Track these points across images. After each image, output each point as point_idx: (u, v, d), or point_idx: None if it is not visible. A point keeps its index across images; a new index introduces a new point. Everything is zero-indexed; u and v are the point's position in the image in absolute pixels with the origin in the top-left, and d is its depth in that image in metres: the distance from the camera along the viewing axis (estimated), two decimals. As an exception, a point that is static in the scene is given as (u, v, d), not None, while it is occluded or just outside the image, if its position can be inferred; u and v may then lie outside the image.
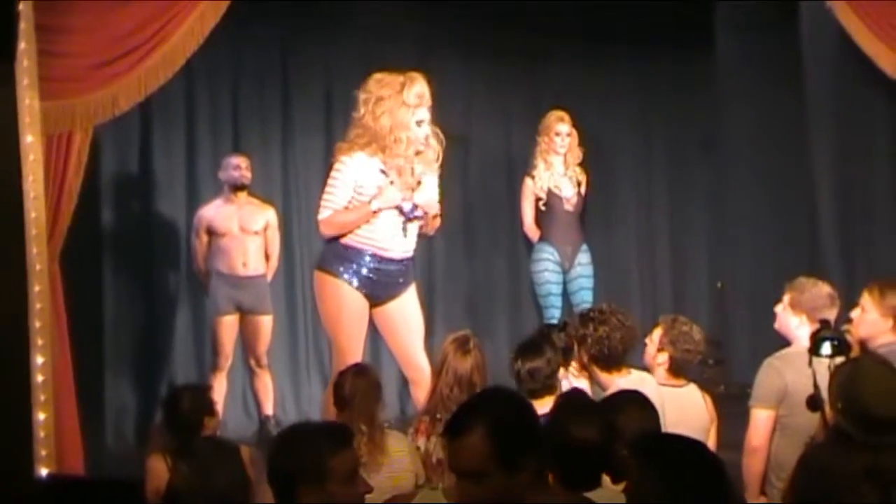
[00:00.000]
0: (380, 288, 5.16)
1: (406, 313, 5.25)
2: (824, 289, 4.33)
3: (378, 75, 5.20)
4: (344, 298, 5.09)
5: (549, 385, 4.05)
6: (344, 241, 5.11)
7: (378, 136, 5.06)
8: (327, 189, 5.18)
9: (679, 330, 4.37)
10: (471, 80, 7.50)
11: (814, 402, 3.45)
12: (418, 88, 5.10)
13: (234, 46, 6.82)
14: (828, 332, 3.60)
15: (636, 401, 3.38)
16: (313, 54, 7.24)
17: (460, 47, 7.39)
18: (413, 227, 5.20)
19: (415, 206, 5.15)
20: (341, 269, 5.11)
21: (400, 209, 5.11)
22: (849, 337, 3.60)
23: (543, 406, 3.95)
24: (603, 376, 4.17)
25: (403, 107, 5.05)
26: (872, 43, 6.06)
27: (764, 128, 7.29)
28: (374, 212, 5.10)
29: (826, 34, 6.39)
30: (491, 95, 7.54)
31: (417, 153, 5.16)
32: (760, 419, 4.19)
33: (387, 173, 5.10)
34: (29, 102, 4.79)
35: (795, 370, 4.12)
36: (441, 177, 7.38)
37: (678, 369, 4.34)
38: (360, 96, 5.15)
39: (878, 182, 6.67)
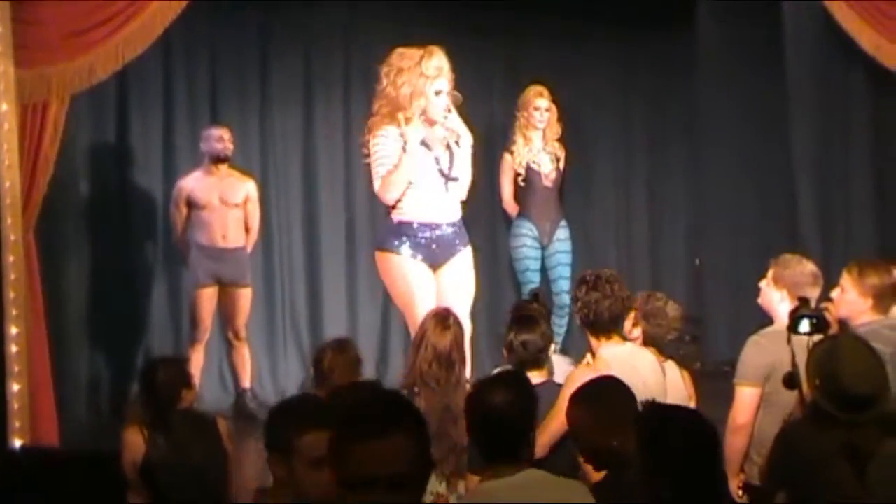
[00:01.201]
0: (436, 254, 5.30)
1: (458, 277, 5.36)
2: (808, 266, 4.33)
3: (400, 49, 5.40)
4: (408, 271, 5.24)
5: (539, 359, 4.06)
6: (395, 217, 5.29)
7: (400, 105, 5.24)
8: (374, 161, 5.30)
9: (653, 305, 4.40)
10: (451, 55, 7.44)
11: (791, 380, 3.46)
12: (436, 61, 5.31)
13: (212, 17, 6.75)
14: (806, 310, 3.61)
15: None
16: (293, 26, 7.18)
17: (440, 23, 7.33)
18: (454, 188, 5.36)
19: (450, 168, 5.32)
20: (397, 243, 5.27)
21: (441, 171, 5.30)
22: (828, 315, 3.61)
23: (533, 378, 3.99)
24: (592, 341, 4.18)
25: (422, 77, 5.24)
26: (854, 20, 6.08)
27: (744, 109, 7.29)
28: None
29: (807, 16, 6.40)
30: (471, 71, 7.47)
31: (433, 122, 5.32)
32: (746, 396, 4.18)
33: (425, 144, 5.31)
34: (3, 70, 4.73)
35: (781, 347, 4.12)
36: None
37: (653, 344, 4.35)
38: (382, 69, 5.33)
39: (856, 163, 6.71)
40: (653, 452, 2.54)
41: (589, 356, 4.32)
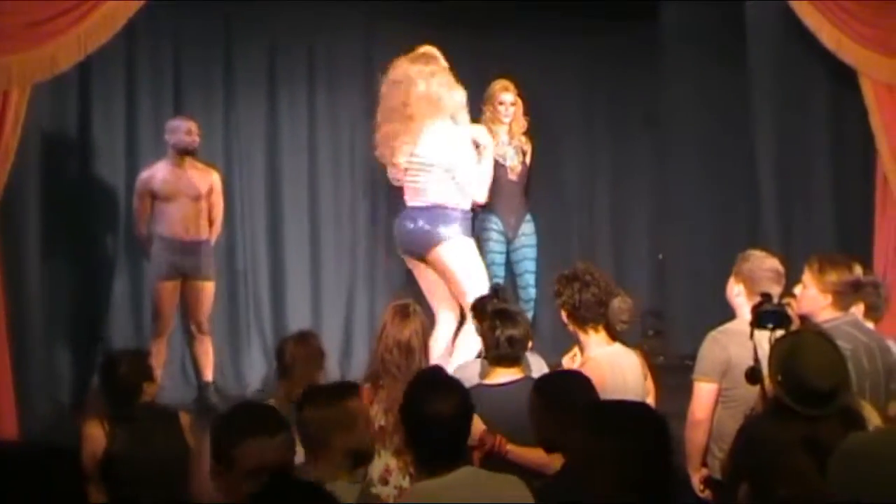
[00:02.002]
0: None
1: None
2: (768, 262, 4.35)
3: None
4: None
5: (520, 355, 4.08)
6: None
7: None
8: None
9: None
10: (415, 46, 7.44)
11: (753, 375, 3.48)
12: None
13: (176, 8, 6.70)
14: (769, 306, 3.63)
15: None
16: (257, 17, 7.14)
17: (405, 17, 7.33)
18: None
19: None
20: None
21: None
22: (790, 311, 3.63)
23: (510, 375, 4.01)
24: (580, 335, 4.22)
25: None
26: (814, 17, 6.13)
27: (706, 102, 7.33)
28: None
29: (769, 9, 6.44)
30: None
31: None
32: (703, 392, 4.21)
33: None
34: (-37, 59, 4.67)
35: (738, 343, 4.16)
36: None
37: (610, 332, 4.36)
38: None
39: (817, 157, 6.76)
40: (599, 446, 2.55)
41: (577, 350, 4.34)
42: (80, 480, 2.25)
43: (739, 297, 4.28)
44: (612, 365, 4.05)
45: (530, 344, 4.20)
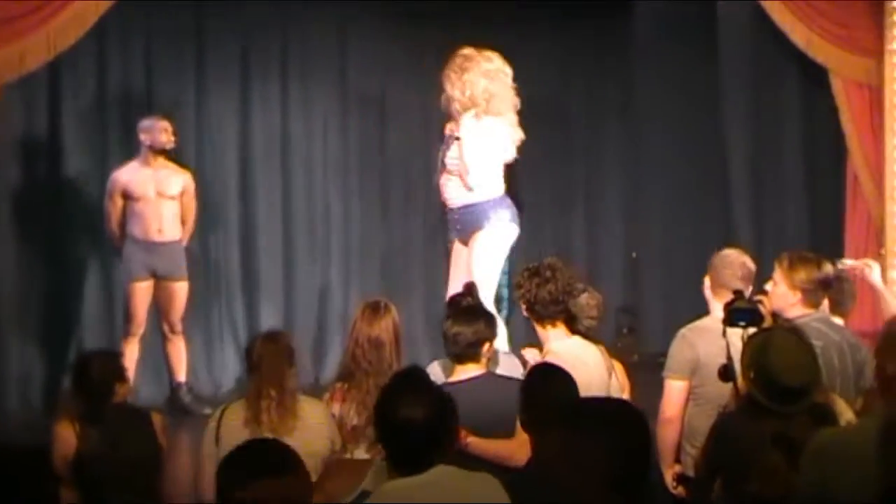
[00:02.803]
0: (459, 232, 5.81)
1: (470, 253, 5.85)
2: (738, 260, 4.37)
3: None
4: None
5: (470, 352, 4.06)
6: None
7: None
8: None
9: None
10: (388, 42, 7.44)
11: (726, 373, 3.49)
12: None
13: (146, 5, 6.66)
14: (741, 304, 3.64)
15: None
16: (229, 16, 7.10)
17: (378, 10, 7.32)
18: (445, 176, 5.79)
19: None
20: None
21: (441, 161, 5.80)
22: (762, 308, 3.65)
23: (470, 371, 4.01)
24: (538, 329, 4.25)
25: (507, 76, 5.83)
26: (786, 17, 6.18)
27: (679, 96, 7.36)
28: None
29: (741, 7, 6.47)
30: (408, 58, 7.49)
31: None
32: (674, 390, 4.23)
33: None
34: (-70, 57, 4.62)
35: (707, 341, 4.18)
36: (364, 141, 7.40)
37: (573, 330, 4.36)
38: None
39: (789, 154, 6.80)
40: (578, 441, 2.55)
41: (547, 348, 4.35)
42: (52, 481, 2.22)
43: (708, 292, 4.32)
44: (574, 357, 4.07)
45: (486, 347, 4.13)
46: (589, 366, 4.13)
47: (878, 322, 5.79)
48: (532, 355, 4.43)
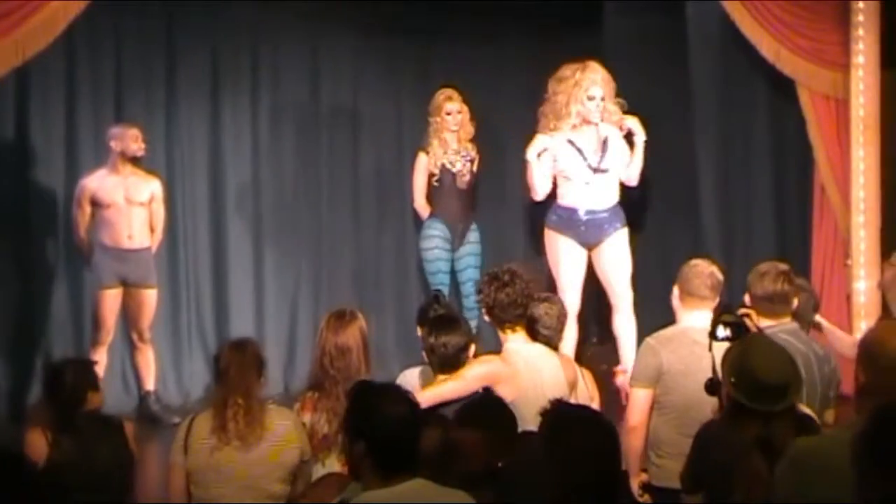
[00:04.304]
0: (590, 235, 6.31)
1: (614, 254, 6.37)
2: (706, 270, 4.42)
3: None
4: (559, 249, 6.35)
5: (461, 359, 4.12)
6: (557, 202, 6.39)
7: (556, 112, 6.37)
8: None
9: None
10: (360, 54, 7.44)
11: (711, 386, 3.50)
12: (590, 72, 6.28)
13: (116, 11, 6.62)
14: (728, 317, 3.66)
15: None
16: (200, 23, 7.07)
17: (349, 21, 7.32)
18: (600, 180, 6.31)
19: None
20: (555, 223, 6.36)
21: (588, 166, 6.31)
22: (749, 322, 3.66)
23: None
24: (499, 333, 4.31)
25: (576, 86, 6.28)
26: (755, 30, 6.24)
27: (649, 109, 7.38)
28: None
29: (712, 19, 6.52)
30: (380, 70, 7.49)
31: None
32: (638, 398, 4.28)
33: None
34: None
35: (670, 350, 4.23)
36: (335, 153, 7.40)
37: (532, 334, 4.41)
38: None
39: (758, 165, 6.85)
40: (555, 451, 2.56)
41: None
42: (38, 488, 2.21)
43: (675, 301, 4.36)
44: (527, 361, 4.13)
45: (472, 350, 4.24)
46: (542, 373, 4.18)
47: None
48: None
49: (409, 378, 4.32)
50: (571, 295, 6.19)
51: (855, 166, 6.21)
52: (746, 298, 4.42)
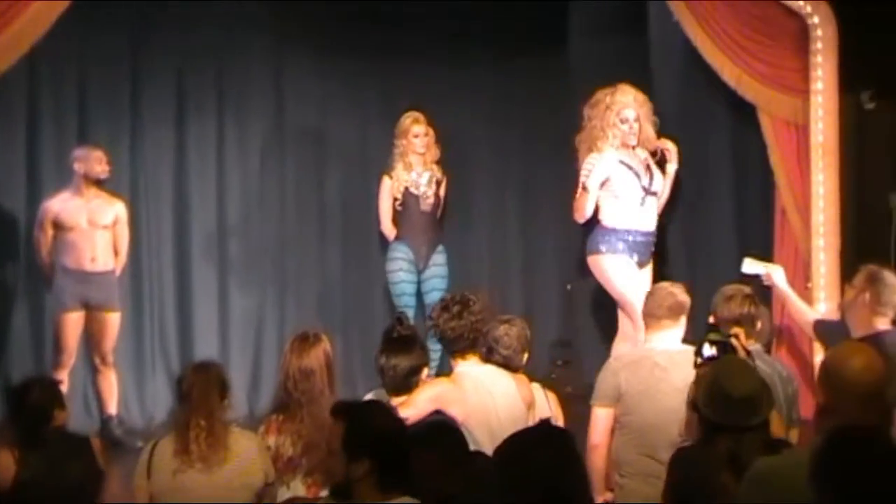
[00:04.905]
0: (636, 256, 6.36)
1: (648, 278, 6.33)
2: (665, 291, 4.49)
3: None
4: (612, 268, 6.33)
5: (410, 382, 4.15)
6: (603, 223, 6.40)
7: (593, 136, 6.44)
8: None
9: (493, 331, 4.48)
10: (325, 75, 7.46)
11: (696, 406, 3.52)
12: (621, 95, 6.37)
13: (80, 33, 6.59)
14: (715, 336, 3.70)
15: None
16: (165, 45, 7.06)
17: (314, 43, 7.34)
18: (650, 201, 6.41)
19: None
20: (604, 247, 6.36)
21: (643, 187, 6.39)
22: (735, 342, 3.69)
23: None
24: (450, 359, 4.36)
25: (608, 110, 6.35)
26: (716, 55, 6.32)
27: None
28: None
29: (674, 43, 6.60)
30: (346, 91, 7.51)
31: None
32: (598, 417, 4.35)
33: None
34: None
35: (631, 371, 4.29)
36: (301, 174, 7.39)
37: (504, 366, 4.41)
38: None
39: (720, 188, 6.91)
40: (505, 471, 2.57)
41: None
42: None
43: (641, 325, 4.41)
44: (477, 382, 4.17)
45: (426, 371, 4.27)
46: (493, 394, 4.20)
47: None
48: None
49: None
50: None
51: (815, 190, 6.29)
52: (711, 321, 4.48)
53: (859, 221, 6.38)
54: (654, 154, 6.52)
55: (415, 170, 6.96)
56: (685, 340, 4.39)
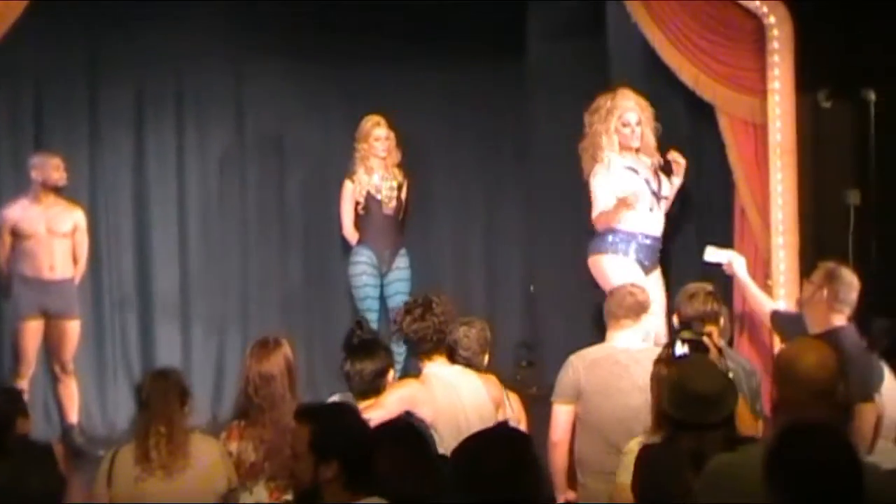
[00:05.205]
0: (645, 260, 6.21)
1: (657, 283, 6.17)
2: (624, 291, 4.55)
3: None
4: (617, 270, 6.11)
5: (377, 385, 4.17)
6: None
7: (595, 143, 6.33)
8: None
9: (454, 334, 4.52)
10: (285, 80, 7.44)
11: None
12: (620, 98, 6.28)
13: (37, 39, 6.53)
14: (687, 334, 3.72)
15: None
16: (123, 51, 7.01)
17: (276, 52, 7.32)
18: (659, 206, 6.31)
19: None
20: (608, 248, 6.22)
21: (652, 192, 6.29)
22: (707, 341, 3.71)
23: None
24: (417, 361, 4.38)
25: (609, 115, 6.24)
26: (674, 56, 6.36)
27: (574, 135, 7.47)
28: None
29: (633, 44, 6.63)
30: (305, 96, 7.49)
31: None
32: (559, 414, 4.42)
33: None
34: None
35: (590, 368, 4.31)
36: (262, 181, 7.35)
37: (452, 357, 4.46)
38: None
39: (680, 189, 6.95)
40: (465, 474, 2.58)
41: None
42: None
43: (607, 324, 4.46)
44: (445, 382, 4.21)
45: (391, 375, 4.28)
46: (461, 394, 4.23)
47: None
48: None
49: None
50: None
51: (773, 189, 6.33)
52: (675, 319, 4.52)
53: (817, 219, 6.43)
54: (664, 165, 6.42)
55: (376, 173, 6.96)
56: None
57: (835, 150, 6.51)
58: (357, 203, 6.95)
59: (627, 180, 6.19)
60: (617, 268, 6.16)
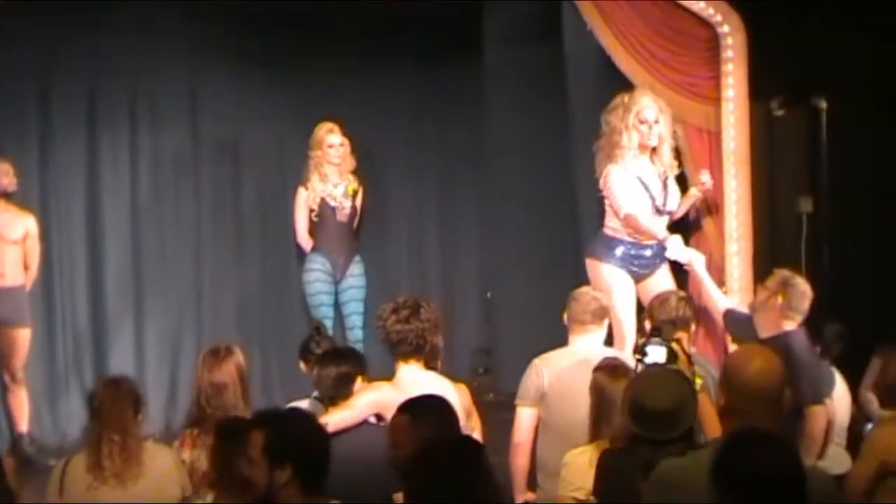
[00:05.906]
0: (639, 267, 6.04)
1: (657, 285, 5.96)
2: (588, 296, 4.58)
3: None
4: (611, 279, 5.99)
5: (347, 391, 4.15)
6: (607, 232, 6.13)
7: (614, 142, 6.14)
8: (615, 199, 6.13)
9: None
10: (239, 86, 7.40)
11: None
12: (638, 95, 6.12)
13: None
14: (657, 340, 3.73)
15: None
16: (77, 55, 6.94)
17: (231, 57, 7.28)
18: (660, 220, 6.11)
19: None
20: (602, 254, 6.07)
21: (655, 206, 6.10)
22: (675, 347, 3.72)
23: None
24: (395, 363, 4.34)
25: (627, 112, 6.07)
26: (630, 64, 6.40)
27: (531, 141, 7.50)
28: None
29: (588, 50, 6.66)
30: (260, 102, 7.46)
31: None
32: (522, 416, 4.43)
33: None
34: None
35: (552, 371, 4.33)
36: (217, 187, 7.29)
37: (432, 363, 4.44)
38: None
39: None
40: (417, 481, 2.59)
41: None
42: None
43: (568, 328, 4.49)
44: (419, 387, 4.16)
45: (359, 381, 4.26)
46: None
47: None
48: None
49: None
50: (629, 326, 5.83)
51: (728, 197, 6.38)
52: (647, 324, 4.55)
53: (770, 227, 6.50)
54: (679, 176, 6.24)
55: (330, 180, 6.94)
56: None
57: (787, 158, 6.58)
58: (311, 210, 6.92)
59: (631, 189, 6.02)
60: (603, 275, 6.01)
